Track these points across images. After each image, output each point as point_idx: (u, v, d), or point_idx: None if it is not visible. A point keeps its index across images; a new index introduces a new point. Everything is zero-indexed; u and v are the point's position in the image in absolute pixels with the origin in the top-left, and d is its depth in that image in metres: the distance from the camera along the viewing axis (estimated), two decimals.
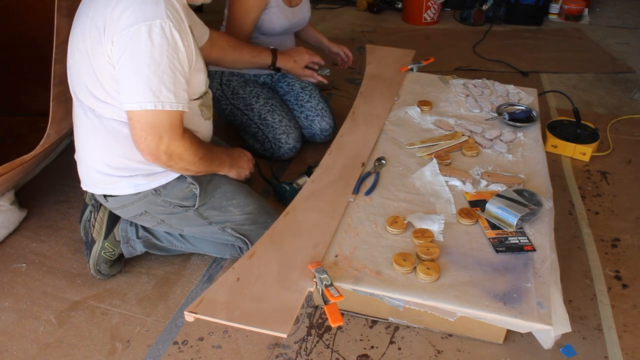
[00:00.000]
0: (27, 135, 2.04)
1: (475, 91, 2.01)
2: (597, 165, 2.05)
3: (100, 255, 1.49)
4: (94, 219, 1.51)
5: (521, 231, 1.30)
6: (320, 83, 2.06)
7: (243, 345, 1.33)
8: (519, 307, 1.11)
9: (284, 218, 1.35)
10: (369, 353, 1.31)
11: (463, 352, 1.30)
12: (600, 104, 2.56)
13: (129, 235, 1.52)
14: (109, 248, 1.49)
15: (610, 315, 1.41)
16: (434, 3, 3.58)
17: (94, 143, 1.34)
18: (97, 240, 1.49)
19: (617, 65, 3.01)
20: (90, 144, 1.35)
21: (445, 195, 1.44)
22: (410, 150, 1.65)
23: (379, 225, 1.33)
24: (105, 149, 1.32)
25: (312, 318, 1.40)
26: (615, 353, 1.30)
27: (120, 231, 1.51)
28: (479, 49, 3.21)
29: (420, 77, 2.13)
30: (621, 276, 1.54)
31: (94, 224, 1.51)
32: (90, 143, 1.34)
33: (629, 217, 1.78)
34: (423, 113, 1.86)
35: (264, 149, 2.04)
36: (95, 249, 1.48)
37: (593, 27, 3.62)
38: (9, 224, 1.69)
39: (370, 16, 3.86)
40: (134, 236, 1.52)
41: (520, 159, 1.62)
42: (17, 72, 2.15)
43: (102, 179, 1.36)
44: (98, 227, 1.50)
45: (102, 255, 1.49)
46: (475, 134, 1.73)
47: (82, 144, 1.38)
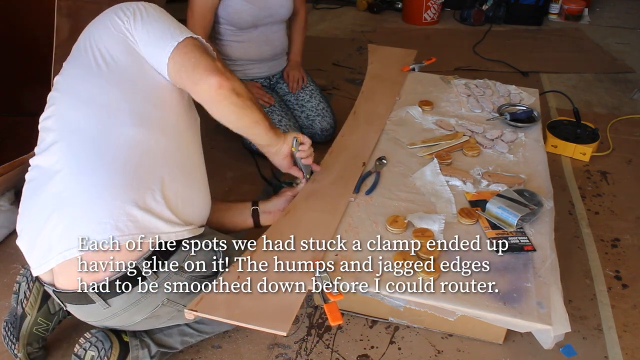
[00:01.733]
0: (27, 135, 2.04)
1: (477, 91, 2.01)
2: (597, 165, 2.05)
3: (32, 333, 1.26)
4: (29, 289, 1.26)
5: (521, 231, 1.30)
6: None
7: (243, 345, 1.33)
8: (519, 307, 1.11)
9: (284, 216, 1.35)
10: (369, 353, 1.31)
11: (463, 352, 1.30)
12: (600, 104, 2.56)
13: (141, 359, 1.23)
14: (42, 323, 1.27)
15: (610, 315, 1.41)
16: (434, 3, 3.58)
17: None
18: (30, 314, 1.25)
19: (617, 65, 3.01)
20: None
21: (445, 195, 1.44)
22: (412, 150, 1.65)
23: (380, 224, 1.33)
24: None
25: (312, 318, 1.40)
26: (615, 353, 1.30)
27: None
28: (479, 49, 3.21)
29: (421, 77, 2.13)
30: (621, 276, 1.54)
31: (27, 295, 1.26)
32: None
33: (629, 217, 1.78)
34: (424, 113, 1.86)
35: None
36: (26, 325, 1.25)
37: (593, 27, 3.62)
38: (9, 224, 1.68)
39: (370, 16, 3.86)
40: (146, 358, 1.23)
41: (521, 159, 1.62)
42: (17, 72, 2.15)
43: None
44: (33, 299, 1.26)
45: (34, 332, 1.26)
46: (477, 134, 1.73)
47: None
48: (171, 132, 1.19)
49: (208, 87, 1.12)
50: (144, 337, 1.24)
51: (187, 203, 1.17)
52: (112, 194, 1.07)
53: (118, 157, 1.11)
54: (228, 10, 1.94)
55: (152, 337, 1.25)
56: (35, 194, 1.14)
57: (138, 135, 1.13)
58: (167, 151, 1.17)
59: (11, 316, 1.26)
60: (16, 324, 1.25)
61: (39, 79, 1.72)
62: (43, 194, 1.12)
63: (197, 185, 1.24)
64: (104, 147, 1.11)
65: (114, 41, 1.17)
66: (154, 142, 1.15)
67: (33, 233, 1.12)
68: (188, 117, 1.25)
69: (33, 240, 1.12)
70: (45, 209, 1.10)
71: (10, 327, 1.25)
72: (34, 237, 1.11)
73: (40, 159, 1.16)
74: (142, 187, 1.10)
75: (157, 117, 1.17)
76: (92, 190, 1.08)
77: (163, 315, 1.17)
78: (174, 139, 1.19)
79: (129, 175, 1.10)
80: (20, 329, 1.25)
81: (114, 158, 1.11)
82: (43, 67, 1.59)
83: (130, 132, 1.13)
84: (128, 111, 1.15)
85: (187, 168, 1.21)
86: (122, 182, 1.09)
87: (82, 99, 1.16)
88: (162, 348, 1.25)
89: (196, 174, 1.25)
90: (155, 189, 1.11)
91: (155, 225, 1.09)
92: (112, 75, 1.16)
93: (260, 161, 2.03)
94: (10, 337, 1.25)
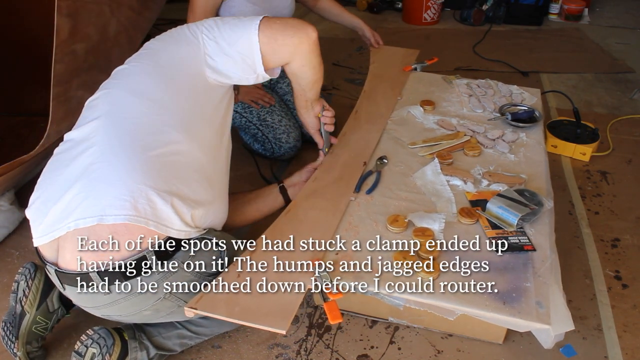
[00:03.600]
0: (27, 135, 2.04)
1: (479, 91, 2.01)
2: (597, 165, 2.05)
3: (31, 331, 1.26)
4: (27, 287, 1.26)
5: (521, 231, 1.30)
6: None
7: (243, 345, 1.33)
8: (518, 307, 1.11)
9: (285, 216, 1.35)
10: (369, 353, 1.30)
11: (463, 352, 1.30)
12: (600, 104, 2.56)
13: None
14: (41, 321, 1.27)
15: (610, 315, 1.41)
16: (434, 3, 3.58)
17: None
18: (29, 312, 1.26)
19: (617, 65, 3.01)
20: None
21: (446, 194, 1.44)
22: (413, 149, 1.65)
23: (380, 223, 1.33)
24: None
25: (312, 318, 1.40)
26: (615, 353, 1.30)
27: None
28: (479, 49, 3.21)
29: (423, 77, 2.13)
30: (621, 276, 1.54)
31: (27, 293, 1.26)
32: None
33: (629, 217, 1.78)
34: (426, 112, 1.86)
35: (264, 149, 2.04)
36: (25, 323, 1.25)
37: (593, 27, 3.62)
38: (9, 224, 1.69)
39: (370, 16, 3.86)
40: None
41: (522, 159, 1.62)
42: (17, 72, 2.15)
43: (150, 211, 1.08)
44: (32, 297, 1.26)
45: (33, 330, 1.26)
46: (478, 133, 1.73)
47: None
48: (208, 148, 1.24)
49: (307, 36, 1.26)
50: (143, 340, 1.23)
51: (207, 213, 1.20)
52: (138, 178, 1.09)
53: (154, 150, 1.13)
54: (232, 11, 1.93)
55: (151, 339, 1.24)
56: (62, 164, 1.15)
57: (179, 139, 1.17)
58: (200, 163, 1.21)
59: (10, 315, 1.26)
60: (15, 322, 1.25)
61: (39, 79, 1.73)
62: (72, 164, 1.13)
63: (219, 202, 1.27)
64: (144, 137, 1.14)
65: (186, 52, 1.24)
66: (192, 151, 1.19)
67: (50, 201, 1.12)
68: (226, 140, 1.33)
69: (47, 208, 1.12)
70: (69, 179, 1.11)
71: (9, 326, 1.25)
72: (50, 204, 1.11)
73: (76, 132, 1.19)
74: (169, 183, 1.12)
75: (201, 132, 1.23)
76: (121, 170, 1.09)
77: (163, 309, 1.16)
78: (210, 154, 1.24)
79: (160, 169, 1.12)
80: (19, 327, 1.24)
81: (150, 149, 1.13)
82: (43, 67, 1.59)
83: (173, 133, 1.17)
84: (178, 116, 1.19)
85: (213, 182, 1.25)
86: (152, 172, 1.11)
87: (137, 90, 1.20)
88: (160, 351, 1.25)
89: (221, 191, 1.29)
90: (180, 189, 1.13)
91: (170, 219, 1.10)
92: (173, 80, 1.22)
93: (260, 161, 2.03)
94: (9, 336, 1.24)
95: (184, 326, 1.27)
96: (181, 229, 1.12)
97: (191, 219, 1.14)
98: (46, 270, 1.18)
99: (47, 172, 1.18)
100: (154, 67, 1.23)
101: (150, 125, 1.16)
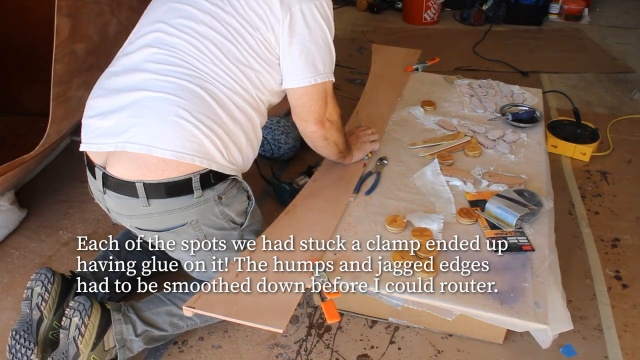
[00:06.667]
0: (27, 135, 2.04)
1: (480, 91, 2.01)
2: (597, 165, 2.05)
3: (47, 337, 1.23)
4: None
5: (520, 231, 1.30)
6: None
7: (243, 345, 1.33)
8: (516, 307, 1.11)
9: (284, 216, 1.35)
10: (369, 353, 1.31)
11: (463, 352, 1.30)
12: (600, 104, 2.56)
13: (125, 336, 1.23)
14: (57, 327, 1.24)
15: (610, 315, 1.41)
16: (434, 3, 3.57)
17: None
18: (47, 318, 1.23)
19: (617, 65, 3.01)
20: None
21: (445, 194, 1.44)
22: (413, 150, 1.65)
23: (379, 224, 1.33)
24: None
25: (312, 318, 1.40)
26: (615, 353, 1.30)
27: (114, 335, 1.22)
28: (479, 49, 3.21)
29: (424, 77, 2.14)
30: (621, 276, 1.54)
31: (46, 297, 1.24)
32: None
33: (629, 217, 1.78)
34: (426, 113, 1.86)
35: (264, 150, 2.04)
36: (43, 329, 1.23)
37: (593, 27, 3.62)
38: (9, 224, 1.69)
39: (370, 16, 3.86)
40: (131, 335, 1.24)
41: (523, 159, 1.62)
42: (17, 72, 2.15)
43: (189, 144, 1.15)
44: (51, 302, 1.24)
45: (49, 337, 1.23)
46: (478, 134, 1.73)
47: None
48: (254, 104, 1.27)
49: (309, 130, 1.36)
50: (129, 313, 1.25)
51: (241, 154, 1.26)
52: (187, 117, 1.13)
53: (206, 88, 1.17)
54: None
55: (140, 314, 1.26)
56: (118, 80, 1.19)
57: (231, 85, 1.20)
58: (243, 113, 1.24)
59: (23, 323, 1.22)
60: (31, 329, 1.22)
61: (39, 79, 1.72)
62: (128, 77, 1.17)
63: (252, 149, 1.31)
64: (202, 83, 1.17)
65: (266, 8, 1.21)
66: (235, 100, 1.22)
67: (105, 109, 1.17)
68: (270, 94, 1.33)
69: (104, 116, 1.16)
70: (123, 96, 1.16)
71: (24, 333, 1.21)
72: (106, 113, 1.16)
73: (126, 59, 1.21)
74: (215, 123, 1.17)
75: (249, 89, 1.25)
76: (171, 103, 1.13)
77: (183, 236, 1.22)
78: (252, 107, 1.26)
79: (207, 107, 1.16)
80: (38, 333, 1.22)
81: (204, 90, 1.17)
82: (43, 67, 1.59)
83: (224, 76, 1.19)
84: (234, 63, 1.21)
85: (250, 135, 1.28)
86: (199, 110, 1.15)
87: (201, 24, 1.20)
88: (149, 327, 1.25)
89: (254, 142, 1.32)
90: (222, 129, 1.18)
91: (212, 155, 1.16)
92: (239, 20, 1.21)
93: (260, 161, 2.03)
94: (24, 344, 1.21)
95: (173, 302, 1.29)
96: (225, 164, 1.19)
97: (230, 155, 1.21)
98: (88, 173, 1.24)
99: (103, 79, 1.23)
100: (224, 11, 1.24)
101: (211, 73, 1.19)
